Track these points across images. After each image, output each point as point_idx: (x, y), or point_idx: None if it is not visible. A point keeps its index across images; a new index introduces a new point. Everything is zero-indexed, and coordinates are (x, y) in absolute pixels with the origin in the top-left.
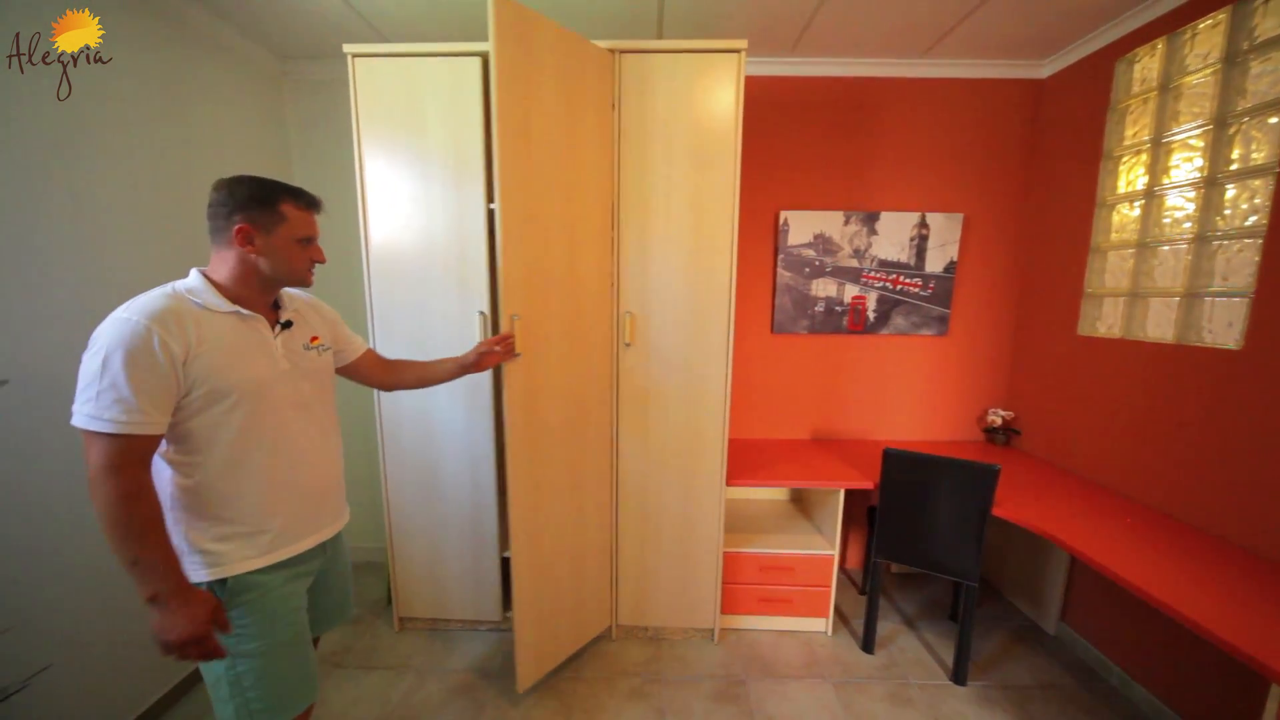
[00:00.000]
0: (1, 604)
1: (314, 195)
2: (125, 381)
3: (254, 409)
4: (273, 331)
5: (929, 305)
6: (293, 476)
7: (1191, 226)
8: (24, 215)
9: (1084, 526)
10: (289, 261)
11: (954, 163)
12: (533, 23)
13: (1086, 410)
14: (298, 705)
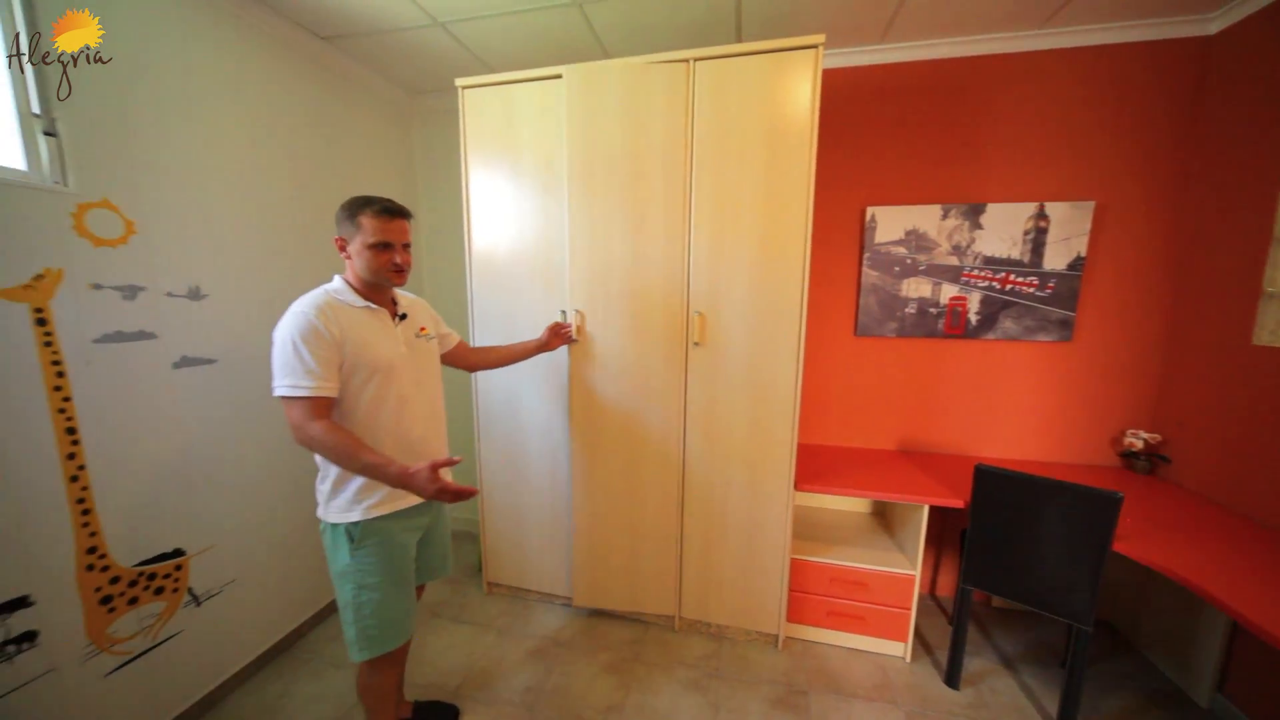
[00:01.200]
0: (207, 528)
1: (394, 204)
2: (309, 356)
3: (383, 382)
4: (394, 322)
5: (1047, 307)
6: (409, 439)
7: None
8: (224, 229)
9: (1247, 579)
10: (369, 264)
11: (1083, 144)
12: (597, 72)
13: (1263, 438)
14: (400, 638)
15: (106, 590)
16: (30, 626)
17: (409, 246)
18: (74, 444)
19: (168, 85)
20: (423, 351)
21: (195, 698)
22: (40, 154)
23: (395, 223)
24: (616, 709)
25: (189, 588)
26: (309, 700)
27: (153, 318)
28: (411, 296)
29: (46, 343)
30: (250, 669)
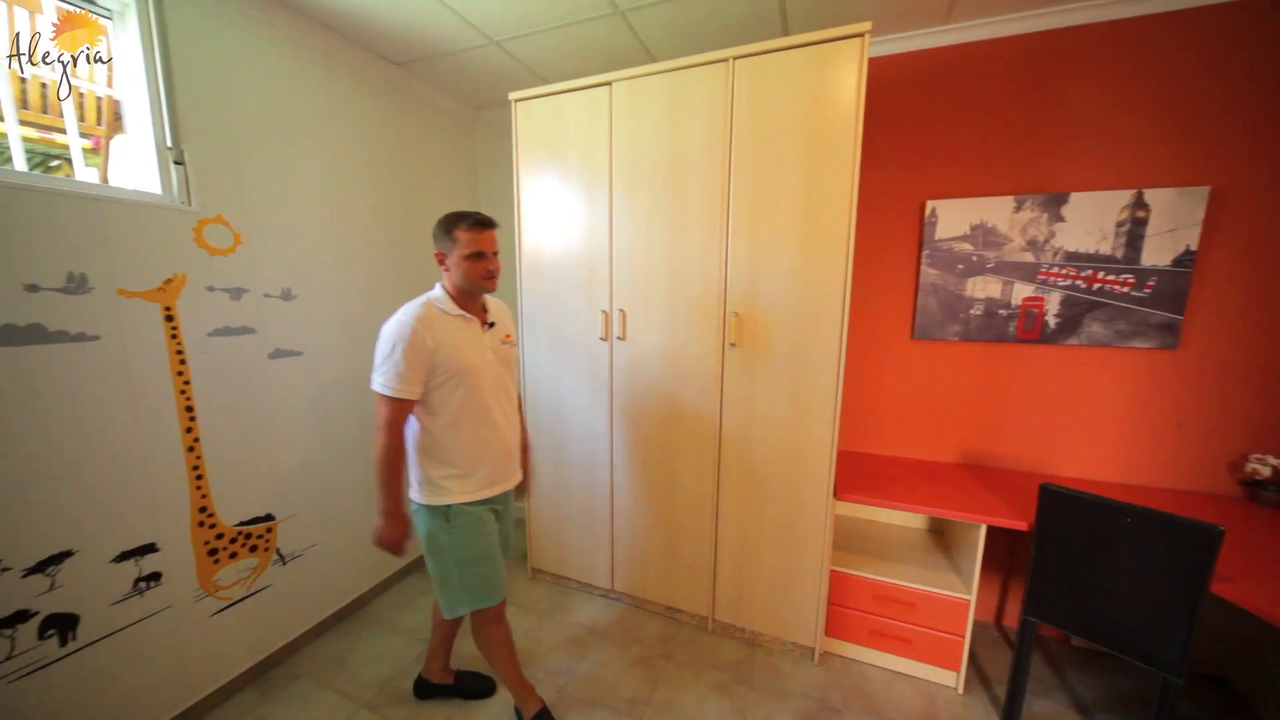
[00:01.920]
0: (292, 498)
1: (483, 216)
2: (404, 362)
3: (470, 387)
4: (483, 330)
5: (1145, 309)
6: (491, 438)
7: None
8: (311, 239)
9: None
10: (466, 274)
11: (1195, 119)
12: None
13: None
14: (487, 601)
15: (213, 544)
16: (156, 569)
17: (498, 254)
18: (191, 420)
19: (269, 117)
20: (505, 358)
21: (279, 644)
22: (171, 180)
23: (486, 233)
24: (642, 701)
25: (277, 548)
26: (370, 657)
27: (253, 315)
28: (499, 303)
29: (173, 335)
30: (324, 625)
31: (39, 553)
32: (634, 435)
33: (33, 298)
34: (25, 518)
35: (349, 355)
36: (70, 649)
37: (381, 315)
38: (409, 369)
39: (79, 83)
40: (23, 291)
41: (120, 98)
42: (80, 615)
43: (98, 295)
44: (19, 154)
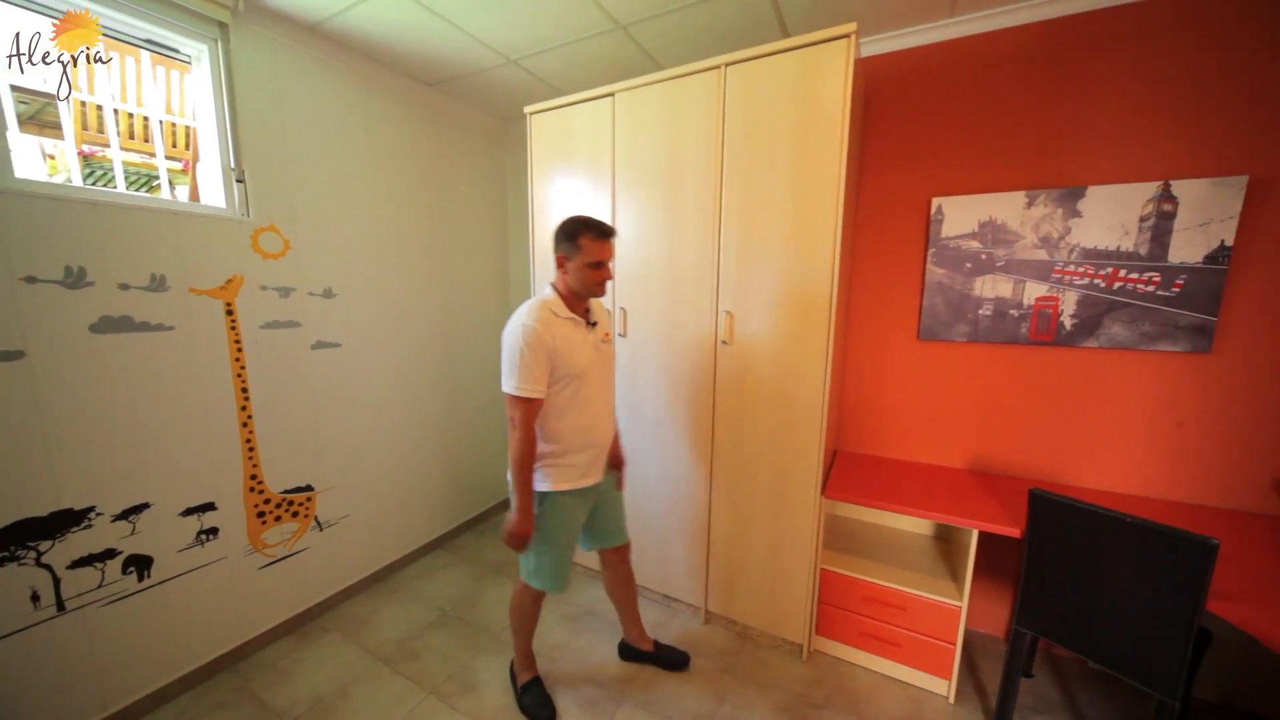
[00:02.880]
0: (331, 472)
1: (607, 226)
2: (533, 365)
3: (577, 385)
4: (587, 330)
5: (1173, 309)
6: (592, 431)
7: None
8: (351, 243)
9: None
10: (584, 281)
11: (1228, 104)
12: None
13: None
14: (556, 588)
15: (261, 507)
16: (215, 524)
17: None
18: (245, 399)
19: (317, 138)
20: (605, 355)
21: (314, 601)
22: (234, 195)
23: (609, 244)
24: (625, 679)
25: (316, 516)
26: (391, 620)
27: (298, 311)
28: (597, 301)
29: (232, 327)
30: (354, 588)
31: (124, 503)
32: (632, 428)
33: (124, 294)
34: (114, 474)
35: (383, 347)
36: (146, 585)
37: (414, 312)
38: (537, 369)
39: (169, 117)
40: (117, 290)
41: (196, 127)
42: (154, 557)
43: (174, 293)
44: (120, 176)
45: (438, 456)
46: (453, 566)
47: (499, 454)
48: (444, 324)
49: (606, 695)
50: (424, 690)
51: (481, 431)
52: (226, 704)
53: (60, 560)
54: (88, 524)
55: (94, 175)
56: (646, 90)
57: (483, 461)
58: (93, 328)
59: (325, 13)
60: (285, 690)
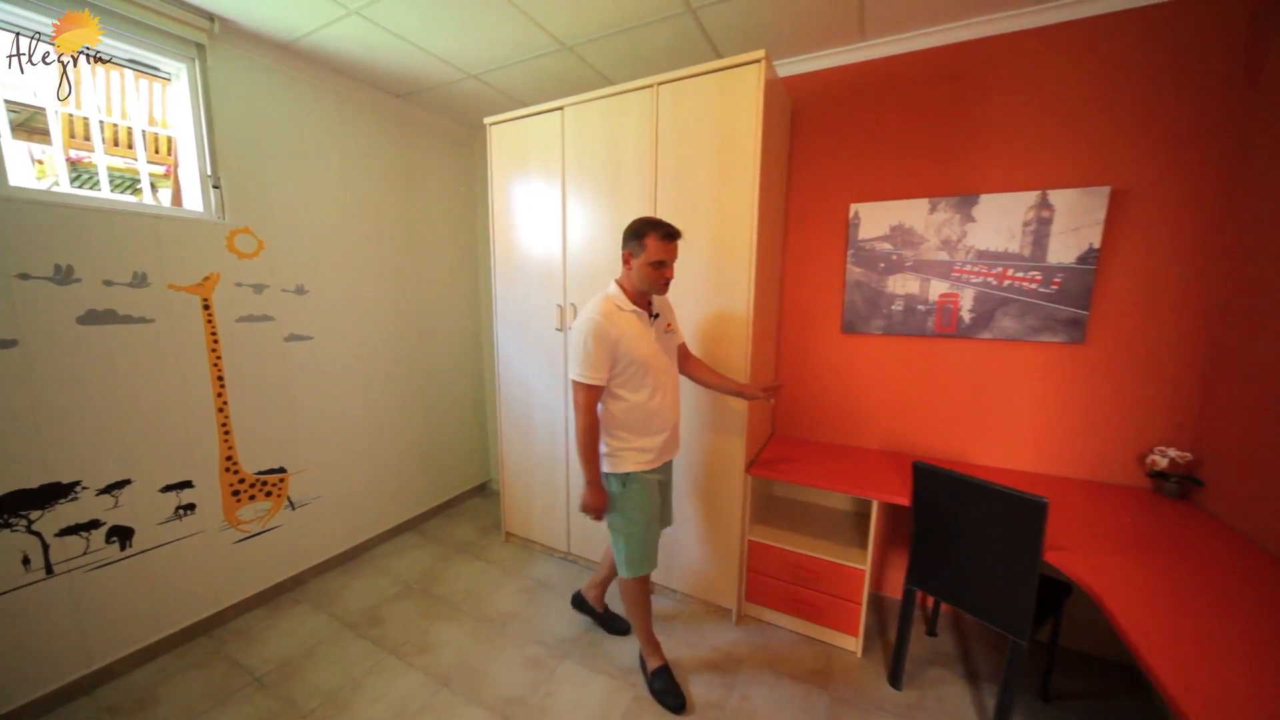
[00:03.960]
0: (304, 455)
1: (673, 228)
2: (595, 353)
3: (641, 372)
4: (649, 322)
5: (1053, 305)
6: (658, 416)
7: None
8: (323, 244)
9: (1183, 624)
10: (646, 278)
11: (1095, 122)
12: (586, 104)
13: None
14: (647, 568)
15: (236, 486)
16: (192, 501)
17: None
18: (221, 386)
19: (290, 146)
20: (668, 344)
21: (287, 574)
22: (211, 200)
23: (673, 245)
24: (569, 640)
25: (288, 496)
26: (359, 592)
27: (272, 306)
28: (659, 297)
29: (208, 320)
30: (326, 564)
31: (108, 478)
32: None
33: (109, 290)
34: (99, 452)
35: (354, 341)
36: (127, 554)
37: (386, 308)
38: (600, 358)
39: (152, 128)
40: (102, 285)
41: (175, 136)
42: (135, 529)
43: (154, 289)
44: (105, 181)
45: (410, 444)
46: (421, 547)
47: (473, 442)
48: (416, 320)
49: (550, 653)
50: (384, 651)
51: (454, 421)
52: (202, 664)
53: (49, 528)
54: (74, 496)
55: (80, 179)
56: (591, 105)
57: (456, 449)
58: (80, 320)
59: (295, 34)
60: (256, 652)
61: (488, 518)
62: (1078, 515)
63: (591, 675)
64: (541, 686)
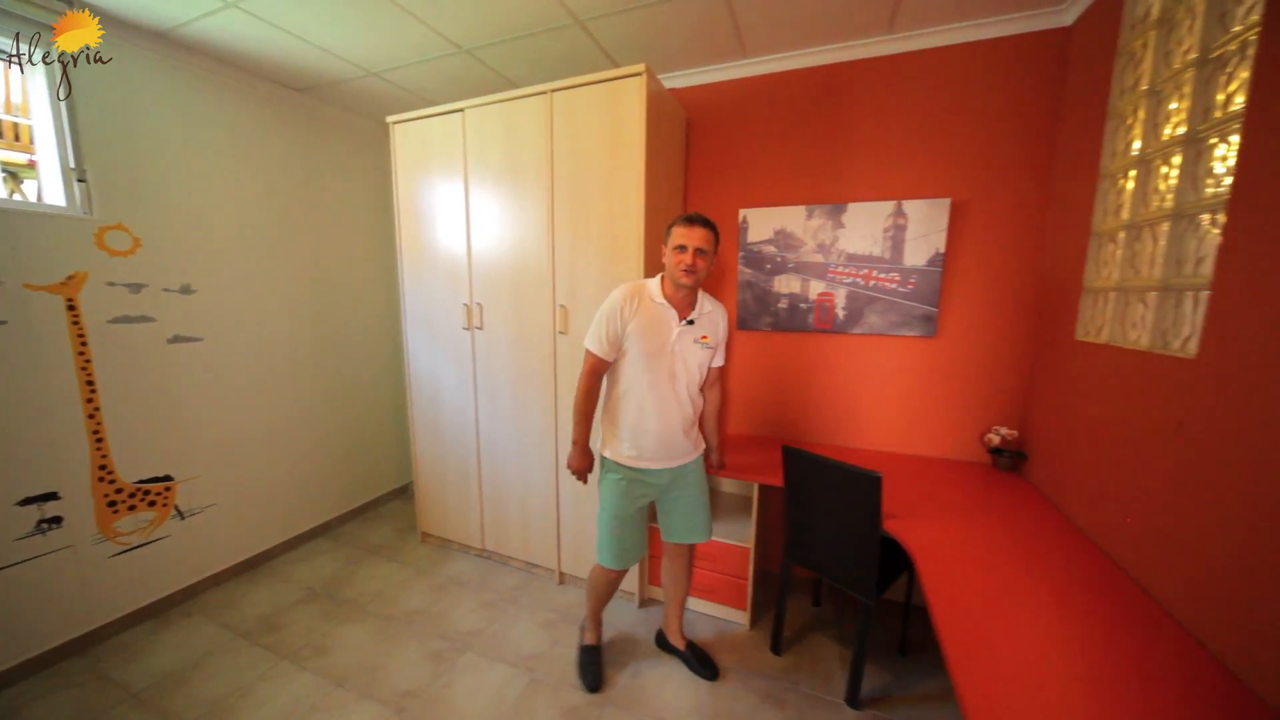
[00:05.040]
0: (194, 462)
1: (697, 216)
2: (604, 329)
3: (645, 366)
4: (679, 324)
5: (910, 303)
6: (651, 416)
7: (1168, 202)
8: (213, 242)
9: (985, 580)
10: (669, 263)
11: (943, 142)
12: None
13: (1077, 438)
14: (616, 563)
15: (112, 496)
16: (58, 513)
17: (703, 252)
18: (92, 391)
19: (171, 137)
20: (693, 353)
21: (177, 587)
22: (75, 194)
23: (694, 230)
24: (473, 633)
25: (176, 505)
26: (258, 600)
27: (152, 306)
28: (715, 309)
29: (74, 321)
30: (224, 574)
31: None
32: (492, 411)
33: None
34: None
35: (254, 342)
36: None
37: (291, 307)
38: (606, 332)
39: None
40: None
41: (31, 124)
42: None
43: (6, 288)
44: None
45: (320, 447)
46: (332, 551)
47: (393, 444)
48: (328, 320)
49: (452, 646)
50: (278, 657)
51: (372, 423)
52: (72, 684)
53: None
54: None
55: None
56: (490, 108)
57: (374, 452)
58: None
59: (171, 22)
60: (136, 668)
61: (407, 520)
62: (925, 488)
63: (492, 664)
64: (440, 678)
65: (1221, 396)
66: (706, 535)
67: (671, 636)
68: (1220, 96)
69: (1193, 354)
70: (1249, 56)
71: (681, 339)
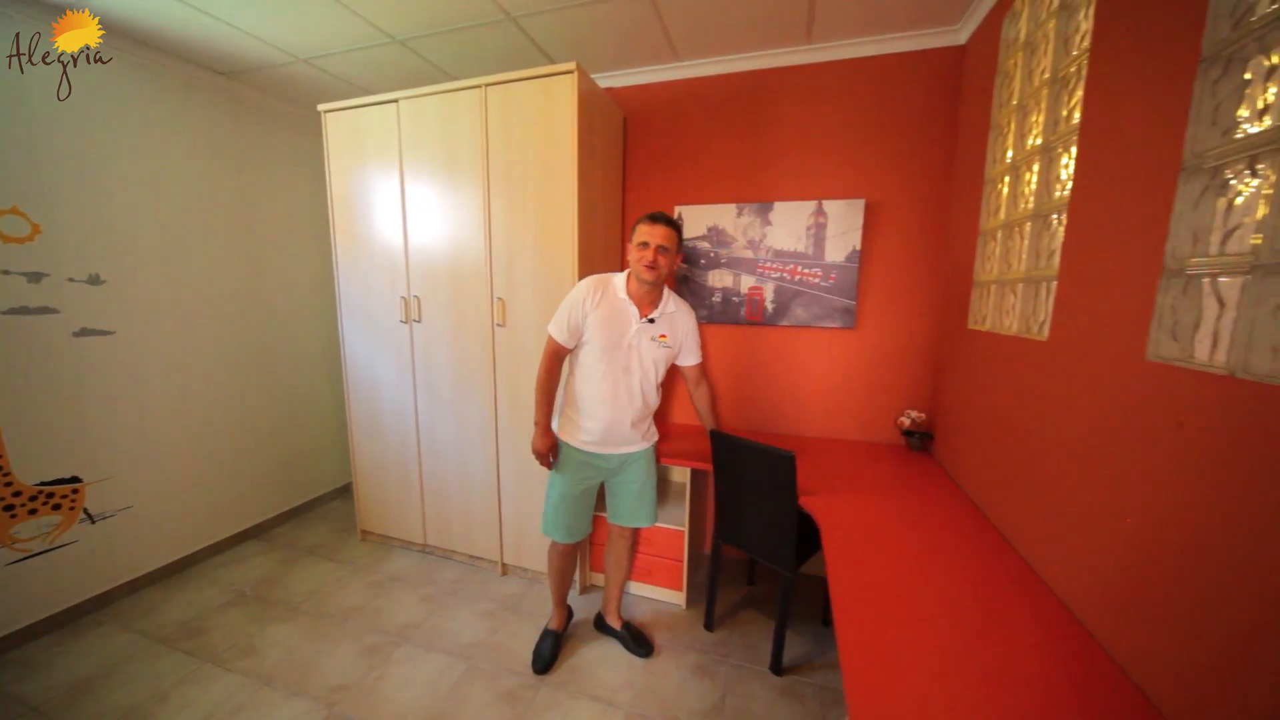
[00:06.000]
0: (105, 463)
1: (661, 214)
2: (565, 315)
3: (601, 357)
4: (638, 321)
5: (831, 296)
6: (602, 405)
7: (1031, 204)
8: (126, 231)
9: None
10: (634, 260)
11: (858, 147)
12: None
13: (969, 419)
14: (560, 537)
15: (10, 500)
16: None
17: (664, 249)
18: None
19: (73, 118)
20: (649, 350)
21: (87, 595)
22: None
23: (656, 228)
24: (409, 626)
25: (85, 508)
26: (180, 605)
27: (54, 297)
28: (679, 309)
29: None
30: (142, 580)
31: None
32: (431, 403)
33: None
34: None
35: (173, 335)
36: None
37: (215, 300)
38: (566, 319)
39: None
40: None
41: None
42: None
43: None
44: None
45: (252, 446)
46: (265, 553)
47: (333, 443)
48: (259, 313)
49: (389, 640)
50: (200, 660)
51: (310, 421)
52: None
53: None
54: None
55: None
56: (425, 100)
57: (312, 451)
58: None
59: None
60: (38, 680)
61: (346, 519)
62: (843, 468)
63: (428, 654)
64: (374, 671)
65: (1064, 373)
66: (651, 520)
67: (609, 618)
68: (1065, 112)
69: (1045, 337)
70: (1083, 78)
71: (640, 336)
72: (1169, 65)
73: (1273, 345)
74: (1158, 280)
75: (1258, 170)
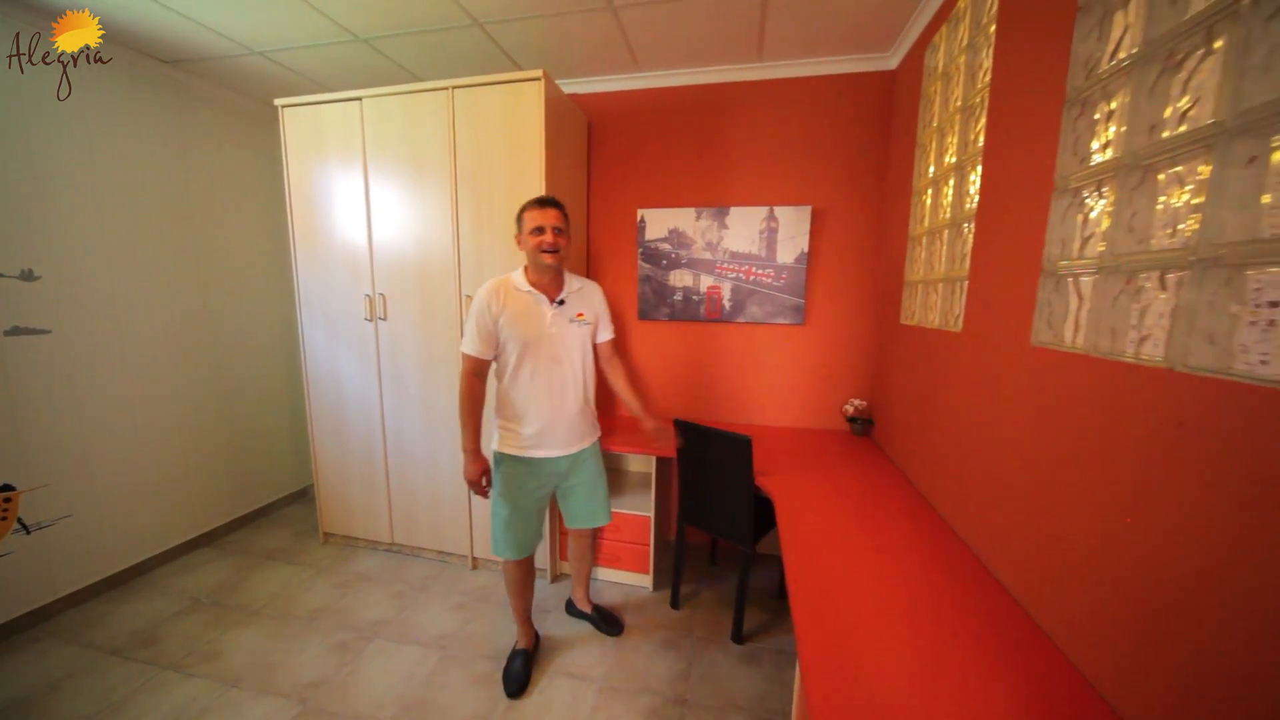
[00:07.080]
0: (41, 470)
1: (545, 197)
2: (474, 327)
3: (527, 353)
4: (550, 307)
5: (782, 295)
6: (542, 401)
7: (948, 214)
8: (62, 226)
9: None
10: (530, 248)
11: (805, 158)
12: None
13: (901, 404)
14: (512, 553)
15: None
16: None
17: (560, 230)
18: None
19: (4, 104)
20: (571, 333)
21: (21, 610)
22: None
23: (548, 210)
24: (380, 622)
25: (19, 518)
26: (129, 616)
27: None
28: (584, 286)
29: None
30: (85, 592)
31: None
32: (399, 402)
33: None
34: None
35: (115, 335)
36: None
37: (161, 296)
38: (477, 331)
39: None
40: None
41: None
42: None
43: None
44: None
45: (201, 452)
46: (218, 560)
47: (289, 446)
48: (209, 312)
49: (360, 636)
50: (159, 668)
51: (264, 424)
52: None
53: None
54: None
55: None
56: (390, 99)
57: (267, 454)
58: None
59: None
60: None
61: (305, 523)
62: (794, 453)
63: (401, 647)
64: (346, 666)
65: (973, 360)
66: (606, 518)
67: (579, 603)
68: (973, 136)
69: (960, 329)
70: (986, 108)
71: (556, 321)
72: (1045, 103)
73: (1111, 328)
74: (1038, 279)
75: (1103, 192)
